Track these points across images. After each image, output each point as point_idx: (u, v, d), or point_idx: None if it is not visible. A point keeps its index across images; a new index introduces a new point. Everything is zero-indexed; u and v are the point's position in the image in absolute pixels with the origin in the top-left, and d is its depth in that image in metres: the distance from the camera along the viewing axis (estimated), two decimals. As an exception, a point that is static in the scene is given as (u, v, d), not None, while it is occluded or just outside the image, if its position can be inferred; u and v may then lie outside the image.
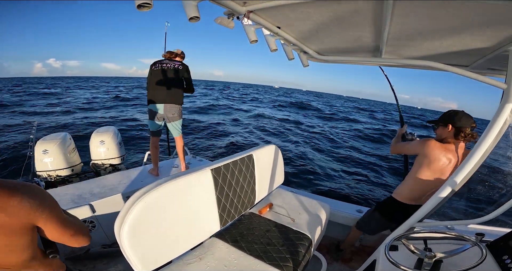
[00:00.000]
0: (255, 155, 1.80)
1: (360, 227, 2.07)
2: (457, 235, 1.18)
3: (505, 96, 1.15)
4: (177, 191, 1.24)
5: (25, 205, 0.69)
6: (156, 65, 2.72)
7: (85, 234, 0.91)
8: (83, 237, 0.89)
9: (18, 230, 0.71)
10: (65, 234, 0.82)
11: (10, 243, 0.71)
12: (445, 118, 1.65)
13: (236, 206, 1.66)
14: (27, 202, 0.69)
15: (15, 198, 0.68)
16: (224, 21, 1.23)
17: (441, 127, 1.66)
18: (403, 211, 1.77)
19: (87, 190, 2.21)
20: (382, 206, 1.95)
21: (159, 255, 1.16)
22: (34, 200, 0.71)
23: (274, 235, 1.65)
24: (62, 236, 0.82)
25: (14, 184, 0.71)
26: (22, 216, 0.69)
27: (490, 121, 1.20)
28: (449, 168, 1.61)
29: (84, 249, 2.07)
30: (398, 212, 1.82)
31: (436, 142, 1.62)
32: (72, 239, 0.86)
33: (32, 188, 0.74)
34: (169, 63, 2.72)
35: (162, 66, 2.69)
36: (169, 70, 2.69)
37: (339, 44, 1.64)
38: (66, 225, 0.83)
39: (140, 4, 0.83)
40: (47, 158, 2.63)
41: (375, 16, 1.07)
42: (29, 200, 0.70)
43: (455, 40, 1.18)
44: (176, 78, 2.72)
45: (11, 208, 0.67)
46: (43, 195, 0.75)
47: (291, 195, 2.24)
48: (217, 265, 1.36)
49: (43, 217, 0.74)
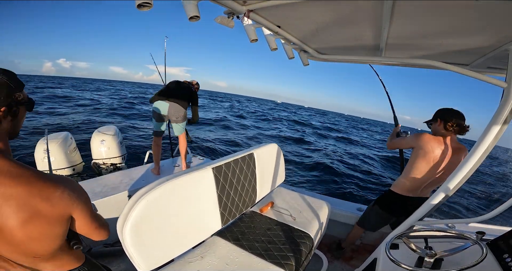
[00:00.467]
0: (256, 153, 1.81)
1: (362, 224, 2.09)
2: (458, 233, 1.19)
3: (505, 95, 1.15)
4: (178, 189, 1.24)
5: (66, 196, 0.75)
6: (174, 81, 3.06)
7: (106, 229, 0.97)
8: (105, 231, 0.96)
9: (57, 220, 0.76)
10: (91, 227, 0.89)
11: (49, 231, 0.77)
12: (435, 115, 1.82)
13: (237, 204, 1.66)
14: (67, 194, 0.76)
15: (58, 189, 0.74)
16: (224, 21, 1.24)
17: (434, 123, 1.83)
18: (401, 203, 1.85)
19: (89, 189, 2.22)
20: (381, 199, 1.99)
21: (161, 254, 1.16)
22: (73, 193, 0.78)
23: (275, 234, 1.66)
24: (89, 229, 0.89)
25: (58, 177, 0.79)
26: (62, 207, 0.75)
27: (490, 120, 1.20)
28: (443, 159, 1.71)
29: (86, 249, 2.08)
30: (396, 204, 1.88)
31: (429, 135, 1.76)
32: (96, 232, 0.92)
33: (72, 182, 0.81)
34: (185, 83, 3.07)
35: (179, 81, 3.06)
36: (184, 85, 3.01)
37: (339, 43, 1.64)
38: (94, 218, 0.90)
39: (140, 3, 0.83)
40: (49, 158, 2.64)
41: (375, 15, 1.07)
42: (69, 193, 0.76)
43: (455, 39, 1.18)
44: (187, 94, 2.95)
45: (55, 198, 0.73)
46: (80, 189, 0.83)
47: (292, 194, 2.24)
48: (219, 263, 1.36)
49: (79, 208, 0.80)
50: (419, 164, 1.74)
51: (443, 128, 1.73)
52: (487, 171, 8.37)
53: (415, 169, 1.76)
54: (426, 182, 1.76)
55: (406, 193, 1.82)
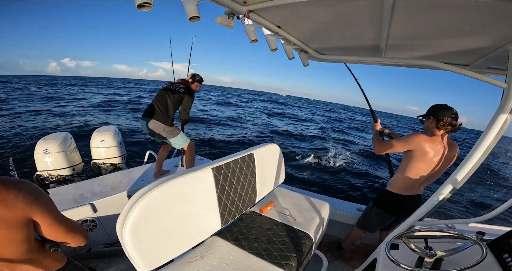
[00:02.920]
0: (256, 153, 1.81)
1: (361, 225, 2.08)
2: (458, 233, 1.19)
3: (505, 95, 1.15)
4: (178, 190, 1.24)
5: (21, 199, 0.73)
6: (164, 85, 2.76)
7: (81, 234, 0.94)
8: (79, 235, 0.93)
9: (15, 223, 0.74)
10: (59, 231, 0.86)
11: (8, 236, 0.75)
12: (428, 112, 1.79)
13: (237, 204, 1.66)
14: (22, 197, 0.74)
15: (11, 192, 0.72)
16: (224, 21, 1.24)
17: (427, 120, 1.80)
18: (399, 202, 1.85)
19: (88, 189, 2.22)
20: (378, 200, 1.98)
21: (161, 254, 1.16)
22: (29, 195, 0.75)
23: (275, 234, 1.66)
24: (57, 233, 0.86)
25: (10, 179, 0.76)
26: (19, 210, 0.73)
27: (490, 120, 1.20)
28: (438, 157, 1.72)
29: (86, 249, 2.08)
30: (395, 202, 1.88)
31: (423, 135, 1.73)
32: (68, 236, 0.89)
33: (28, 184, 0.79)
34: (172, 86, 2.69)
35: (166, 86, 2.71)
36: (169, 92, 2.64)
37: (339, 44, 1.64)
38: (61, 221, 0.86)
39: (140, 3, 0.83)
40: (48, 158, 2.63)
41: (375, 16, 1.07)
42: (24, 195, 0.74)
43: (455, 39, 1.18)
44: (173, 101, 2.62)
45: (9, 202, 0.71)
46: (38, 192, 0.80)
47: (292, 194, 2.24)
48: (219, 264, 1.36)
49: (38, 212, 0.78)
50: (416, 164, 1.73)
51: (435, 126, 1.71)
52: (487, 171, 8.39)
53: (412, 169, 1.75)
54: (422, 180, 1.77)
55: (403, 192, 1.82)
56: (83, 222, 1.99)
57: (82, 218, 1.97)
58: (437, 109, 1.72)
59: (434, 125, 1.72)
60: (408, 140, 1.76)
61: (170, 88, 2.67)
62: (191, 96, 2.70)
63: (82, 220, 1.99)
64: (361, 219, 2.10)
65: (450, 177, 1.29)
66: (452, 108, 1.69)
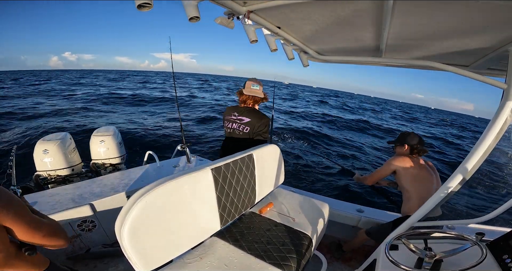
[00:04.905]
0: (255, 154, 1.81)
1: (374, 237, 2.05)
2: (457, 234, 1.18)
3: (505, 96, 1.15)
4: (177, 190, 1.24)
5: None
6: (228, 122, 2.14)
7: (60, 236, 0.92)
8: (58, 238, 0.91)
9: None
10: (35, 235, 0.85)
11: None
12: (400, 140, 2.06)
13: (237, 205, 1.66)
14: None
15: None
16: (224, 21, 1.24)
17: (399, 147, 2.08)
18: None
19: (88, 189, 2.21)
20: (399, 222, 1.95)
21: (160, 255, 1.16)
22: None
23: (275, 235, 1.65)
24: (32, 237, 0.85)
25: None
26: None
27: (490, 121, 1.20)
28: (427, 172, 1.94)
29: (85, 249, 2.08)
30: None
31: (402, 157, 2.00)
32: (45, 240, 0.87)
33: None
34: (238, 125, 2.08)
35: (232, 127, 2.11)
36: (239, 135, 2.08)
37: (339, 44, 1.64)
38: (35, 226, 0.85)
39: (140, 4, 0.83)
40: (47, 158, 2.63)
41: (375, 16, 1.07)
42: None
43: (455, 40, 1.18)
44: (248, 141, 2.08)
45: None
46: (8, 198, 0.79)
47: (292, 195, 2.24)
48: (218, 264, 1.36)
49: (9, 217, 0.77)
50: (414, 185, 1.90)
51: (409, 152, 2.01)
52: (487, 172, 8.38)
53: (414, 191, 1.90)
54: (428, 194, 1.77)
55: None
56: (82, 222, 1.99)
57: (81, 218, 1.97)
58: (410, 138, 2.01)
59: (408, 152, 2.01)
60: (390, 163, 2.01)
61: (237, 130, 2.11)
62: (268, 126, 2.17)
63: (81, 220, 1.98)
64: (375, 231, 2.07)
65: (449, 178, 1.29)
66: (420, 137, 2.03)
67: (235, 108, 2.14)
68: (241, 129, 2.08)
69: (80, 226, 2.00)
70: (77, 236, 2.02)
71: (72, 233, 1.99)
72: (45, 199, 1.99)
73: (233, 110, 2.13)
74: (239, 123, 2.09)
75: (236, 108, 2.14)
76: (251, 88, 2.07)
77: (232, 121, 2.11)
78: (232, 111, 2.13)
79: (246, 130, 2.06)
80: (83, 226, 2.01)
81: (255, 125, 2.04)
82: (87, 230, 2.04)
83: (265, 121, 2.07)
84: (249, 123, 2.05)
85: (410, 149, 1.99)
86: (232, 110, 2.14)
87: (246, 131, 2.06)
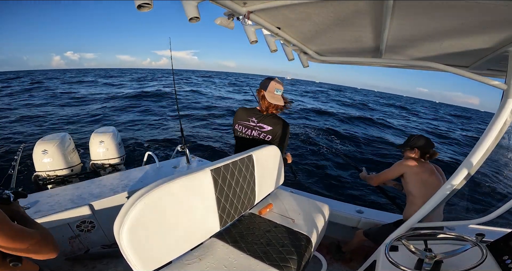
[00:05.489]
0: (255, 155, 1.80)
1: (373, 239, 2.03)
2: (457, 235, 1.18)
3: (505, 96, 1.15)
4: (176, 191, 1.23)
5: None
6: (244, 128, 1.98)
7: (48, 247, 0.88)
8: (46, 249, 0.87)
9: None
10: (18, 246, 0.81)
11: None
12: (411, 144, 1.97)
13: (236, 206, 1.66)
14: None
15: None
16: (224, 22, 1.24)
17: (408, 151, 1.99)
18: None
19: (87, 190, 2.21)
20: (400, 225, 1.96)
21: (159, 256, 1.15)
22: None
23: (274, 236, 1.65)
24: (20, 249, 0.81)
25: None
26: None
27: (490, 121, 1.20)
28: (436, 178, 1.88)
29: (84, 250, 2.07)
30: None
31: (411, 160, 1.93)
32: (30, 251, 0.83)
33: None
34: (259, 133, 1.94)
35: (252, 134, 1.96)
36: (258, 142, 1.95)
37: (339, 45, 1.64)
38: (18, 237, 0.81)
39: (140, 4, 0.83)
40: (47, 158, 2.62)
41: (375, 17, 1.07)
42: None
43: (455, 41, 1.18)
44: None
45: None
46: None
47: (291, 196, 2.24)
48: (217, 266, 1.35)
49: None
50: (419, 188, 1.85)
51: (419, 157, 1.93)
52: (487, 173, 8.38)
53: (419, 193, 1.86)
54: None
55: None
56: (81, 223, 1.98)
57: (80, 219, 1.96)
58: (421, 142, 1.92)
59: (418, 156, 1.93)
60: (398, 166, 1.95)
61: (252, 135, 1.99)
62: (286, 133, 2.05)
63: (80, 221, 1.98)
64: (373, 232, 2.05)
65: (449, 179, 1.29)
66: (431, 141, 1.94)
67: (252, 112, 1.95)
68: (262, 137, 1.95)
69: (79, 226, 2.00)
70: (76, 236, 2.01)
71: (71, 233, 1.98)
72: (44, 200, 1.98)
73: (249, 115, 1.94)
74: (259, 131, 1.94)
75: (253, 113, 1.94)
76: (274, 94, 1.85)
77: (251, 128, 1.95)
78: (249, 116, 1.94)
79: (267, 138, 1.95)
80: (82, 226, 2.01)
81: (277, 133, 1.93)
82: (86, 230, 2.03)
83: (287, 130, 1.94)
84: (271, 132, 1.92)
85: (421, 153, 1.91)
86: (247, 114, 1.95)
87: (268, 140, 1.95)
